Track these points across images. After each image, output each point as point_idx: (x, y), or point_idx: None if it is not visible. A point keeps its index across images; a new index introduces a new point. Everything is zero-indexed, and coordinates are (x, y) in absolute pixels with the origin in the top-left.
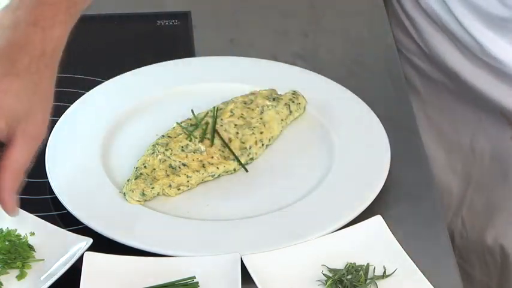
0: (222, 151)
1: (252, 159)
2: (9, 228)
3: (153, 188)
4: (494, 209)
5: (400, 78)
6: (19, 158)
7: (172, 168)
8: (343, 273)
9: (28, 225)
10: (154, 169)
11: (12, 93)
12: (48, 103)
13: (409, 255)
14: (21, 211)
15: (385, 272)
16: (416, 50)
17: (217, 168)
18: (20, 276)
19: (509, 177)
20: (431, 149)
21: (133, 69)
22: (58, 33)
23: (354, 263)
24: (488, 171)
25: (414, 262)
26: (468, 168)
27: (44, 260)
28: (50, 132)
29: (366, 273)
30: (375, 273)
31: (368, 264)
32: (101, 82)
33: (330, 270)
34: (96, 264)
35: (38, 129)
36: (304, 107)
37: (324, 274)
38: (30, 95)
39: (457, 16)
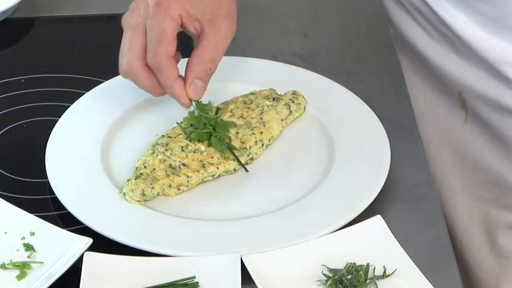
0: (222, 152)
1: (252, 159)
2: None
3: (153, 188)
4: (451, 201)
5: (400, 78)
6: (209, 51)
7: (172, 168)
8: (343, 273)
9: (28, 225)
10: (154, 169)
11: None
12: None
13: (409, 255)
14: (21, 211)
15: (385, 272)
16: None
17: (217, 168)
18: (20, 276)
19: (466, 164)
20: None
21: None
22: None
23: (354, 263)
24: (441, 160)
25: (414, 262)
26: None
27: (43, 260)
28: (50, 132)
29: (366, 273)
30: (375, 273)
31: (368, 264)
32: (101, 82)
33: (330, 270)
34: (96, 264)
35: (224, 21)
36: (304, 107)
37: (324, 274)
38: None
39: None
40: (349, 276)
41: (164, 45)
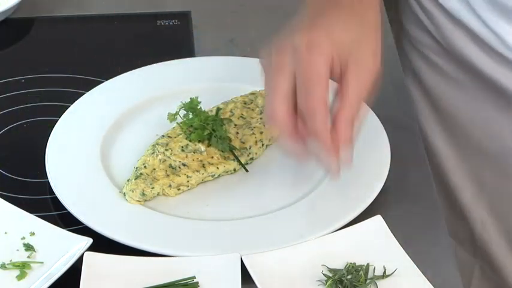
0: (222, 151)
1: (252, 159)
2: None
3: (153, 188)
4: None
5: (400, 78)
6: (354, 93)
7: (172, 168)
8: (343, 273)
9: (28, 225)
10: (154, 169)
11: (339, 24)
12: (377, 34)
13: (409, 255)
14: (21, 211)
15: (385, 272)
16: (434, 45)
17: (217, 168)
18: (20, 276)
19: None
20: (439, 147)
21: (134, 69)
22: None
23: (354, 263)
24: (496, 174)
25: (414, 262)
26: (478, 171)
27: (43, 260)
28: (50, 132)
29: (366, 273)
30: (375, 273)
31: (368, 264)
32: (101, 82)
33: (330, 270)
34: (96, 264)
35: (370, 60)
36: None
37: (324, 274)
38: (358, 25)
39: (475, 9)
40: (349, 276)
41: (321, 87)
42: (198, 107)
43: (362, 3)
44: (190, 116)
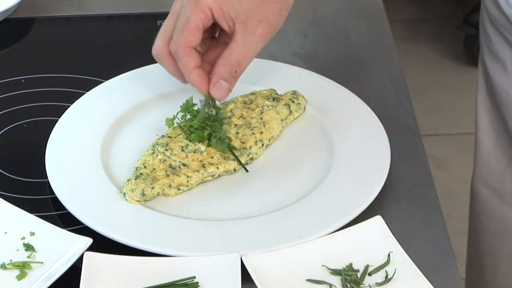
0: (222, 151)
1: (252, 159)
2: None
3: (153, 188)
4: None
5: (400, 78)
6: (233, 52)
7: (172, 168)
8: (343, 274)
9: (28, 225)
10: (154, 169)
11: None
12: (270, 4)
13: (409, 255)
14: (21, 211)
15: (387, 276)
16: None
17: (217, 168)
18: (20, 276)
19: None
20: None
21: (134, 69)
22: None
23: (354, 263)
24: None
25: (414, 262)
26: None
27: (43, 260)
28: (50, 132)
29: (365, 273)
30: (375, 274)
31: (368, 264)
32: (101, 82)
33: (330, 270)
34: (96, 264)
35: (258, 26)
36: (304, 107)
37: (324, 274)
38: None
39: None
40: (349, 277)
41: (185, 34)
42: (195, 108)
43: None
44: (188, 117)
